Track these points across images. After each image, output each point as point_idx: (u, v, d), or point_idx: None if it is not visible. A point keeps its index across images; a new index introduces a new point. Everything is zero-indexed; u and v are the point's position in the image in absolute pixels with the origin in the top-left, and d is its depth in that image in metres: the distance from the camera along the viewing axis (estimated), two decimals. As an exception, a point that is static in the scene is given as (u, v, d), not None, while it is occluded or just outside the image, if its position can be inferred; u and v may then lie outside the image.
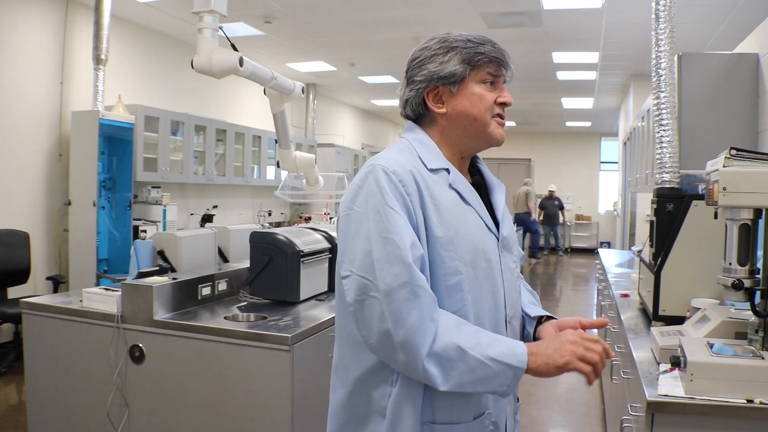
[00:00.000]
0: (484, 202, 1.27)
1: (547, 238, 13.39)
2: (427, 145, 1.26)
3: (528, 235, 12.45)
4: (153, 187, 5.63)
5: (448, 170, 1.23)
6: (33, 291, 4.74)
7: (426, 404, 1.16)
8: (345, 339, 1.23)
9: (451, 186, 1.21)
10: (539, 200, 13.32)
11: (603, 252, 5.51)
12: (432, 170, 1.21)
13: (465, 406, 1.18)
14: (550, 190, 13.31)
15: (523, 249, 12.51)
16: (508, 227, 1.32)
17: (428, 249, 1.15)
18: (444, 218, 1.17)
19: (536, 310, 1.38)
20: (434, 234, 1.15)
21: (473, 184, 1.29)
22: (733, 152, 1.58)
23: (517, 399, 1.34)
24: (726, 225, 1.64)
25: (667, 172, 2.58)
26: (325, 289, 2.99)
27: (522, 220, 12.15)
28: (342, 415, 1.22)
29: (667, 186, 2.56)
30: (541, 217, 13.13)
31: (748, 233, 1.60)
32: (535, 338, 1.34)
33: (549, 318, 1.34)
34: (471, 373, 1.08)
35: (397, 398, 1.15)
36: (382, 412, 1.16)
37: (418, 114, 1.29)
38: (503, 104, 1.26)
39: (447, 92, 1.25)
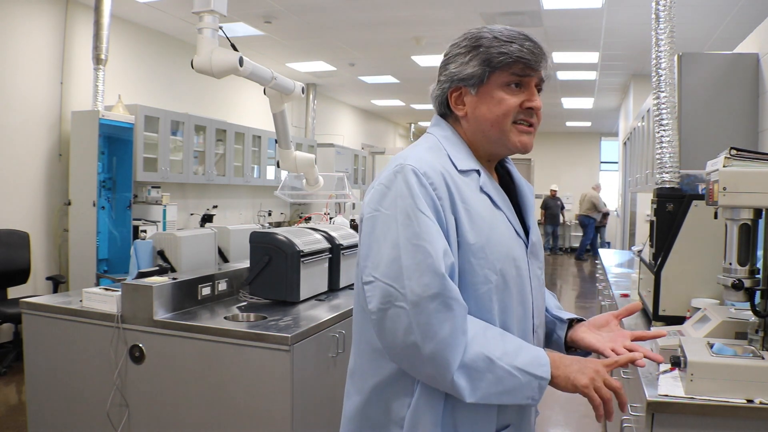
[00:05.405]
0: (512, 204, 1.21)
1: (547, 238, 13.40)
2: (456, 144, 1.19)
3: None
4: (153, 187, 5.62)
5: (478, 172, 1.17)
6: (33, 291, 4.74)
7: (447, 416, 1.09)
8: (363, 344, 1.17)
9: (481, 189, 1.15)
10: (541, 200, 13.40)
11: (603, 252, 5.50)
12: (462, 171, 1.14)
13: (488, 418, 1.12)
14: (552, 190, 13.29)
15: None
16: (536, 233, 1.26)
17: (458, 256, 1.09)
18: (476, 224, 1.11)
19: (566, 313, 1.32)
20: (466, 241, 1.09)
21: (501, 186, 1.23)
22: (733, 152, 1.58)
23: (536, 411, 1.27)
24: (726, 225, 1.64)
25: (667, 172, 2.58)
26: (325, 289, 2.99)
27: (583, 223, 12.59)
28: (356, 423, 1.17)
29: (667, 186, 2.56)
30: (543, 218, 13.18)
31: (748, 233, 1.60)
32: (566, 342, 1.27)
33: (579, 321, 1.28)
34: (498, 384, 1.04)
35: (416, 408, 1.09)
36: (400, 423, 1.10)
37: (444, 113, 1.24)
38: (531, 108, 1.17)
39: (468, 94, 1.18)
